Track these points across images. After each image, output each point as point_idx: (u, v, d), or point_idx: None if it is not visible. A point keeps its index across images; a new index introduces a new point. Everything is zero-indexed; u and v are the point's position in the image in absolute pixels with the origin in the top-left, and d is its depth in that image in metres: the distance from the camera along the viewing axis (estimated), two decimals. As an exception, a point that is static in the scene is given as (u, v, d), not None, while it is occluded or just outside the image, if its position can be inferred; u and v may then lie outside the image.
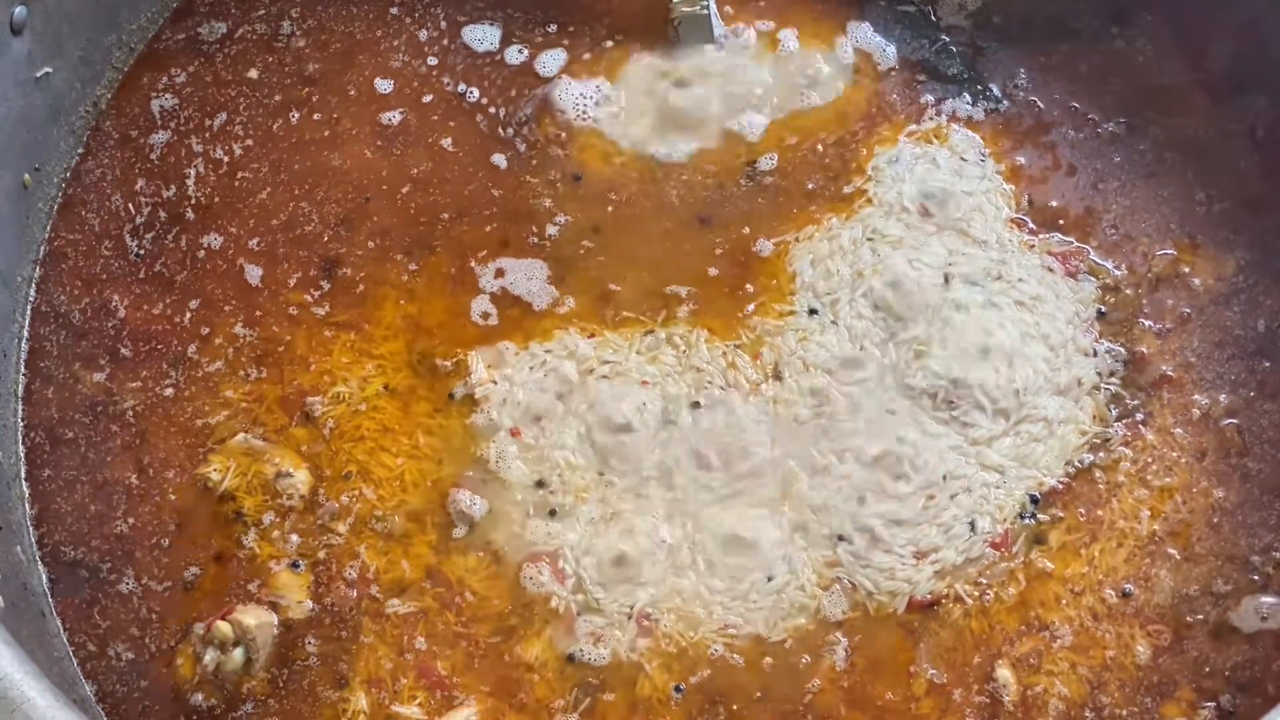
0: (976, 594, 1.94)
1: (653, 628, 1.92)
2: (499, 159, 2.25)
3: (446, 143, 2.27)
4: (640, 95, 2.30)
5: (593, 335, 2.10)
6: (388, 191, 2.23)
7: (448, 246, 2.18)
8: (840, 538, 1.96)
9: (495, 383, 2.06)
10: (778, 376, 2.07)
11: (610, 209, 2.21)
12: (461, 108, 2.30)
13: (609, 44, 2.35)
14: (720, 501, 1.99)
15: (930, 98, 2.29)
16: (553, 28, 2.36)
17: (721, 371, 2.06)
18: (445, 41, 2.36)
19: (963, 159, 2.23)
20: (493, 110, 2.29)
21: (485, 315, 2.13)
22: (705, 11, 2.32)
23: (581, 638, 1.91)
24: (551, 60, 2.33)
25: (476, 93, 2.31)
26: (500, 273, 2.16)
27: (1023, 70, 2.31)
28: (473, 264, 2.17)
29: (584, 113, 2.28)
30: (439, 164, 2.25)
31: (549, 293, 2.14)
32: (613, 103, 2.30)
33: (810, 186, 2.22)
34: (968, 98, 2.29)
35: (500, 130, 2.28)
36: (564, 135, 2.27)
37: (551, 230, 2.19)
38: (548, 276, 2.15)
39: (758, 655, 1.91)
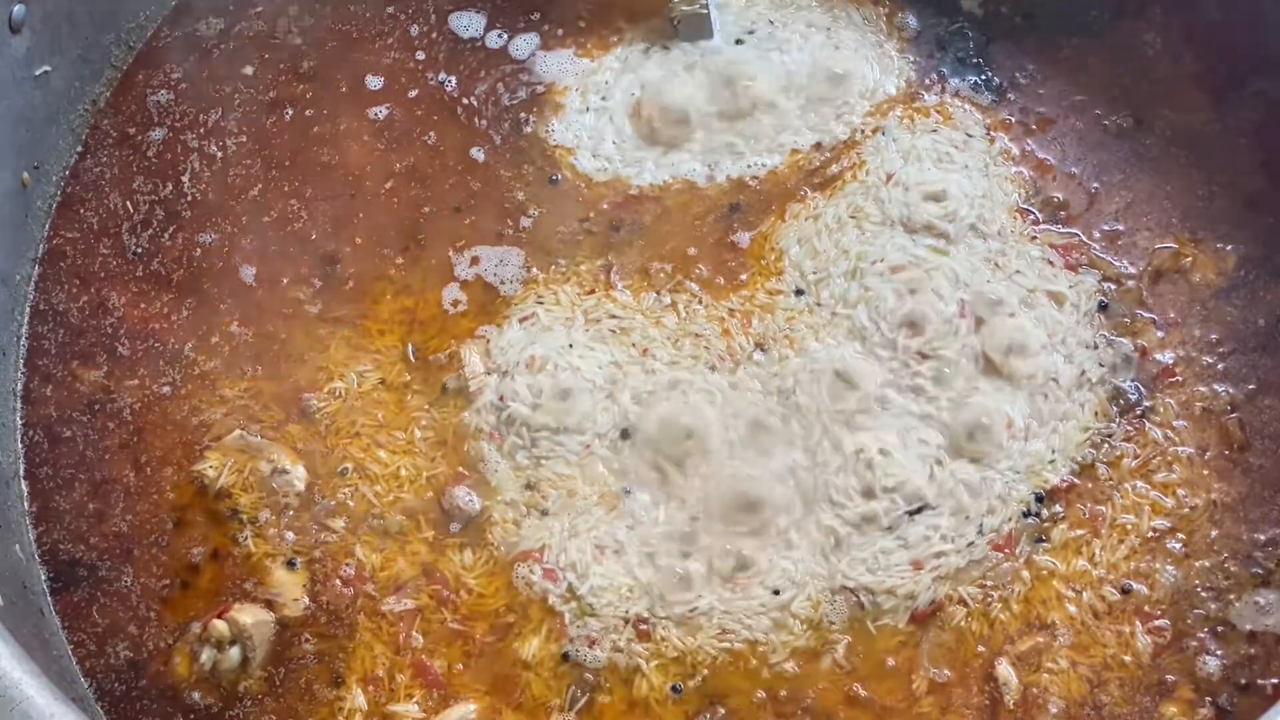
0: (980, 596, 1.92)
1: (650, 632, 1.91)
2: (477, 152, 2.25)
3: (429, 136, 2.27)
4: (628, 86, 2.29)
5: (592, 292, 2.11)
6: (373, 187, 2.23)
7: (432, 240, 2.18)
8: (839, 545, 1.95)
9: (489, 373, 2.05)
10: (763, 349, 2.06)
11: (593, 200, 2.21)
12: (443, 100, 2.30)
13: (595, 33, 2.35)
14: (716, 500, 1.97)
15: (934, 76, 2.29)
16: (535, 15, 2.36)
17: (715, 353, 2.05)
18: (433, 34, 2.36)
19: (968, 135, 2.23)
20: (468, 101, 2.29)
21: (455, 302, 2.12)
22: (705, 10, 2.31)
23: (577, 639, 1.90)
24: (527, 45, 2.33)
25: (455, 81, 2.31)
26: (475, 260, 2.16)
27: (1030, 62, 2.31)
28: (450, 254, 2.17)
29: (563, 101, 2.28)
30: (422, 158, 2.25)
31: (522, 278, 2.14)
32: (595, 93, 2.29)
33: (807, 168, 2.21)
34: (975, 84, 2.28)
35: (477, 121, 2.28)
36: (541, 125, 2.27)
37: (526, 222, 2.19)
38: (523, 263, 2.16)
39: (757, 656, 1.90)
